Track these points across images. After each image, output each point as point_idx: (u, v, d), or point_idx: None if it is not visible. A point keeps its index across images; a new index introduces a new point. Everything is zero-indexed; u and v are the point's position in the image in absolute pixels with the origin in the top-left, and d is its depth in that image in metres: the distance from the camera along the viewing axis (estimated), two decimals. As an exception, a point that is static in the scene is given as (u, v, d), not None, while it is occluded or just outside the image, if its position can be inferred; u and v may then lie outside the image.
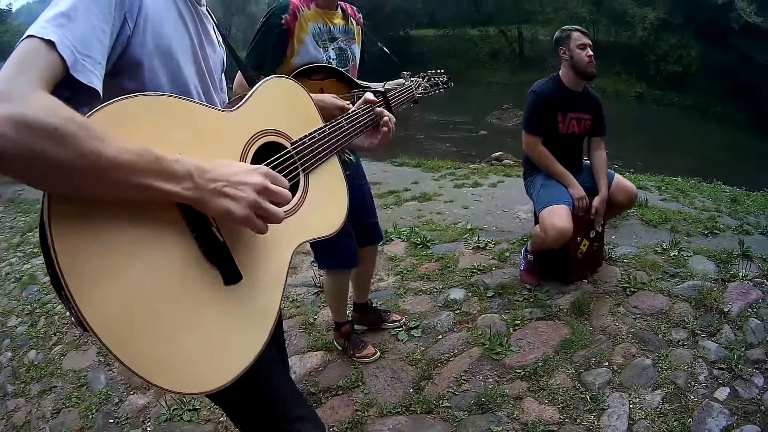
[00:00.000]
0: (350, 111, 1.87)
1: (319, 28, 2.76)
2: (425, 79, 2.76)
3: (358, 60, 3.02)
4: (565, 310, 3.69)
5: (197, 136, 1.26)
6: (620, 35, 35.15)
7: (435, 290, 4.16)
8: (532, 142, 3.96)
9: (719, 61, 32.33)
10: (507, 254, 4.65)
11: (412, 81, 2.56)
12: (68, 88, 1.08)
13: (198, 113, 1.29)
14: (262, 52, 2.67)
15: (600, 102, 4.16)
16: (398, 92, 2.29)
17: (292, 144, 1.53)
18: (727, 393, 2.87)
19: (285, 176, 1.38)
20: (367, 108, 1.92)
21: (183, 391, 1.13)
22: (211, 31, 1.59)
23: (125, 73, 1.27)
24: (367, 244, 3.38)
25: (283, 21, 2.62)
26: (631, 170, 4.57)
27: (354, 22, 3.00)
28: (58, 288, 1.03)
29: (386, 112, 1.95)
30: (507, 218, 5.74)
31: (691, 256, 4.31)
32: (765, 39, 30.59)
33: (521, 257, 4.22)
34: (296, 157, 1.52)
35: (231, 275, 1.24)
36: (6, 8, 31.89)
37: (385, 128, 1.92)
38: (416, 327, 3.71)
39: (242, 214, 1.16)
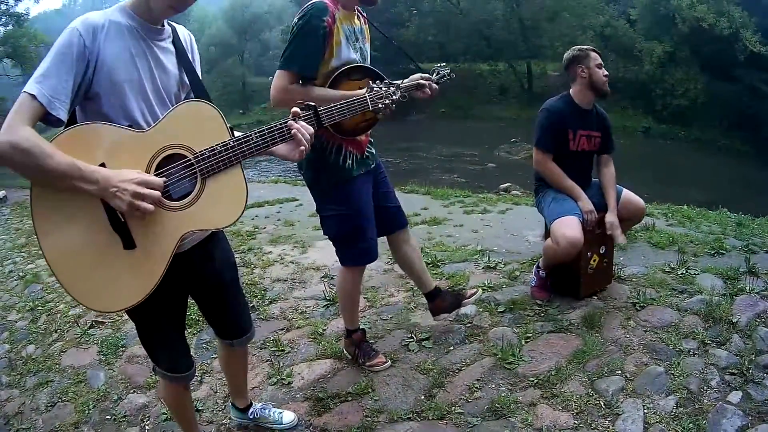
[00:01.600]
0: (265, 127, 2.11)
1: (348, 29, 2.88)
2: (434, 74, 2.90)
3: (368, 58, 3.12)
4: (576, 324, 3.70)
5: (117, 151, 1.90)
6: (628, 70, 35.32)
7: (446, 305, 4.15)
8: (543, 158, 4.01)
9: (725, 94, 32.45)
10: (517, 273, 4.67)
11: (372, 91, 2.50)
12: (52, 116, 1.82)
13: (121, 135, 1.92)
14: (306, 55, 2.75)
15: (608, 120, 4.22)
16: (337, 106, 2.31)
17: (194, 155, 1.98)
18: (739, 396, 2.87)
19: (182, 178, 1.98)
20: (290, 118, 2.13)
21: (93, 307, 2.10)
22: (166, 60, 2.14)
23: (93, 100, 1.95)
24: (396, 229, 3.47)
25: (325, 23, 2.72)
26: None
27: (363, 21, 3.09)
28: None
29: (294, 125, 2.11)
30: (516, 242, 5.76)
31: (698, 274, 4.33)
32: None
33: (533, 273, 4.24)
34: (195, 166, 1.98)
35: (128, 242, 1.92)
36: (24, 12, 32.13)
37: (294, 140, 2.14)
38: (427, 338, 3.73)
39: (125, 209, 1.84)
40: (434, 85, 2.93)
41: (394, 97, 2.54)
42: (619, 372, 3.16)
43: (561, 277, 4.10)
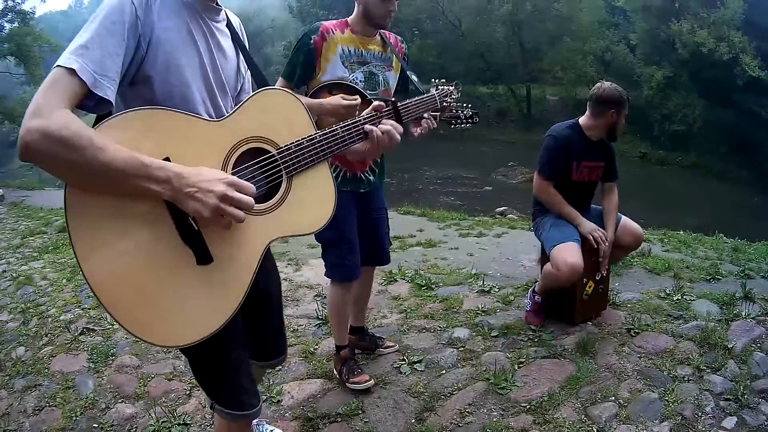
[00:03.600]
0: (349, 120, 1.99)
1: (350, 50, 3.06)
2: (456, 89, 2.84)
3: (392, 87, 3.25)
4: (570, 350, 3.70)
5: (186, 142, 1.58)
6: (624, 90, 35.53)
7: (439, 329, 4.18)
8: (544, 185, 4.02)
9: (723, 119, 32.80)
10: (512, 298, 4.68)
11: (438, 90, 2.62)
12: (92, 99, 1.47)
13: (188, 124, 1.61)
14: (293, 66, 3.06)
15: (612, 148, 4.21)
16: (414, 102, 2.35)
17: (278, 150, 1.75)
18: (734, 422, 2.87)
19: (265, 178, 1.72)
20: (372, 115, 2.06)
21: (157, 341, 1.54)
22: (224, 43, 1.89)
23: (142, 84, 1.62)
24: (376, 265, 3.59)
25: (311, 41, 2.99)
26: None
27: (395, 51, 3.24)
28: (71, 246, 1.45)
29: (382, 125, 2.04)
30: (512, 266, 5.78)
31: (694, 300, 4.36)
32: None
33: (527, 298, 4.25)
34: (281, 162, 1.75)
35: (202, 257, 1.57)
36: (30, 11, 32.10)
37: (374, 137, 2.02)
38: (419, 361, 3.71)
39: (207, 215, 1.48)
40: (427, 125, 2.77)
41: (455, 95, 2.69)
42: (613, 398, 3.15)
43: (555, 303, 4.12)
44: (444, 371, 3.61)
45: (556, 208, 4.04)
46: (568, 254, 3.70)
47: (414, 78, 3.25)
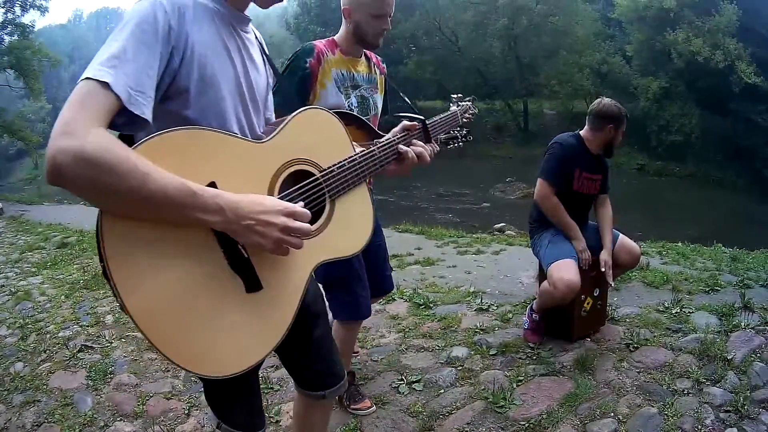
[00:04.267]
0: (385, 138, 2.03)
1: (343, 74, 2.89)
2: (473, 104, 2.83)
3: (380, 110, 3.13)
4: (569, 367, 3.71)
5: (230, 165, 1.48)
6: (623, 107, 35.72)
7: (437, 348, 4.18)
8: (548, 192, 4.03)
9: (719, 128, 33.13)
10: (510, 316, 4.68)
11: (459, 106, 2.65)
12: (124, 116, 1.32)
13: (232, 145, 1.51)
14: (285, 94, 2.69)
15: (606, 162, 4.29)
16: (440, 119, 2.40)
17: (321, 172, 1.71)
18: (734, 433, 2.88)
19: (311, 201, 1.65)
20: (404, 135, 2.09)
21: (207, 373, 1.44)
22: (256, 56, 1.80)
23: (173, 99, 1.49)
24: (374, 296, 3.40)
25: (307, 65, 2.77)
26: (632, 239, 4.72)
27: (378, 71, 3.13)
28: (108, 279, 1.29)
29: (415, 146, 2.08)
30: (510, 283, 5.79)
31: (693, 312, 4.37)
32: (765, 100, 31.43)
33: (526, 316, 4.25)
34: (324, 185, 1.71)
35: (252, 285, 1.49)
36: (30, 24, 32.06)
37: (406, 158, 2.04)
38: (418, 381, 3.71)
39: (269, 248, 1.43)
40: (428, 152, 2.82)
41: (473, 110, 2.74)
42: (612, 414, 3.15)
43: (554, 320, 4.13)
44: (442, 390, 3.60)
45: (556, 218, 4.05)
46: (565, 272, 3.72)
47: (406, 99, 3.19)
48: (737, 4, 32.33)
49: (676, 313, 4.38)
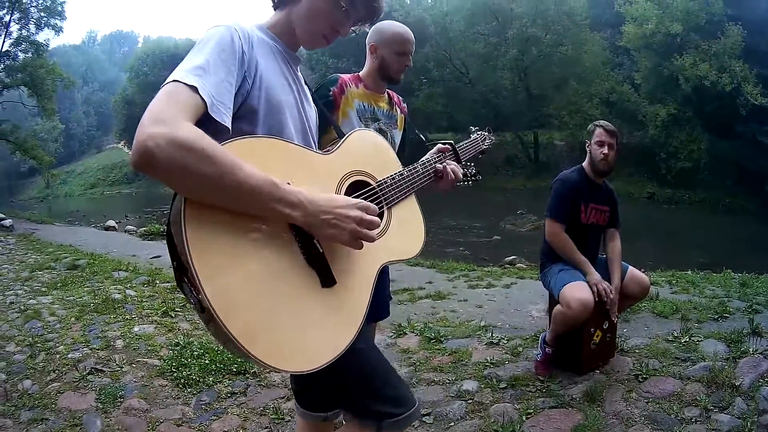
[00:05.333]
0: (424, 159, 2.29)
1: (364, 106, 3.11)
2: (489, 134, 3.00)
3: (397, 145, 3.32)
4: (578, 399, 3.75)
5: (303, 170, 1.65)
6: (632, 136, 35.91)
7: (447, 381, 4.23)
8: (557, 229, 4.15)
9: (727, 152, 33.23)
10: (520, 349, 4.73)
11: (478, 134, 2.85)
12: (205, 123, 1.41)
13: (303, 153, 1.71)
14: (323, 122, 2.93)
15: (615, 194, 4.42)
16: (466, 144, 2.68)
17: (377, 183, 1.91)
18: (741, 459, 2.92)
19: None
20: (440, 156, 2.37)
21: (292, 369, 1.47)
22: (307, 91, 1.99)
23: (244, 118, 1.64)
24: (376, 320, 3.53)
25: (330, 93, 3.00)
26: (642, 269, 4.78)
27: (398, 110, 3.35)
28: (180, 276, 1.40)
29: (449, 165, 2.35)
30: (520, 317, 5.86)
31: (701, 340, 4.42)
32: None
33: (538, 348, 4.31)
34: (380, 194, 1.90)
35: (327, 280, 1.59)
36: (44, 42, 32.15)
37: (443, 176, 2.31)
38: (428, 414, 3.76)
39: (345, 239, 1.56)
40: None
41: (491, 138, 2.92)
42: (620, 445, 3.20)
43: (563, 353, 4.18)
44: (452, 423, 3.65)
45: (567, 254, 4.14)
46: (578, 291, 3.80)
47: (421, 135, 3.38)
48: (742, 25, 32.60)
49: (684, 342, 4.43)
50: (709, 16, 33.62)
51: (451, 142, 2.56)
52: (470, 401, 3.90)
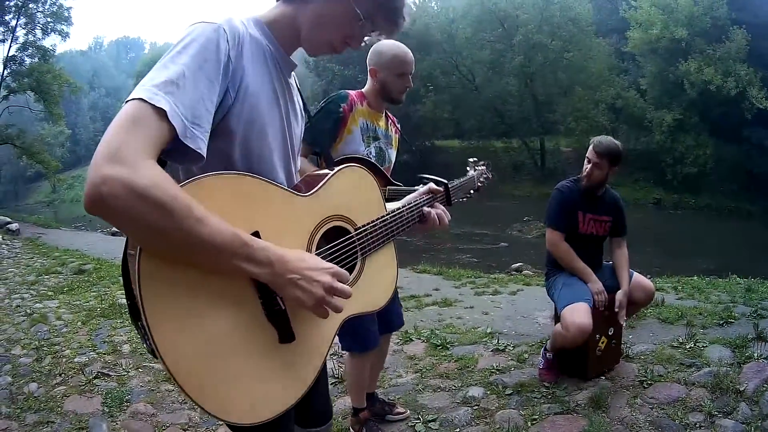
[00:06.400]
0: (411, 200, 2.14)
1: (367, 124, 3.19)
2: (488, 169, 3.03)
3: (392, 163, 3.40)
4: (583, 405, 3.78)
5: (276, 216, 1.50)
6: (639, 141, 35.90)
7: (454, 388, 4.27)
8: (556, 238, 4.20)
9: (733, 156, 33.33)
10: (526, 356, 4.77)
11: (476, 171, 2.87)
12: (175, 146, 1.27)
13: (275, 195, 1.52)
14: (317, 132, 2.91)
15: (621, 204, 4.42)
16: (460, 183, 2.61)
17: (356, 230, 1.77)
18: (745, 463, 2.94)
19: (344, 258, 1.69)
20: (429, 197, 2.21)
21: (239, 421, 1.39)
22: (297, 102, 1.79)
23: (221, 137, 1.43)
24: (382, 332, 3.52)
25: (341, 109, 3.07)
26: (648, 276, 4.84)
27: (393, 130, 3.43)
28: (135, 318, 1.30)
29: (435, 209, 2.20)
30: (526, 323, 5.89)
31: (706, 346, 4.45)
32: None
33: (541, 356, 4.35)
34: (357, 243, 1.76)
35: (286, 336, 1.48)
36: (51, 48, 32.12)
37: (428, 221, 2.14)
38: (434, 420, 3.80)
39: (310, 305, 1.41)
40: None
41: (487, 174, 2.94)
42: (624, 451, 3.23)
43: (569, 359, 4.22)
44: (458, 429, 3.69)
45: (568, 263, 4.19)
46: (577, 315, 3.82)
47: (413, 148, 3.42)
48: (746, 28, 32.61)
49: (689, 348, 4.46)
50: (713, 21, 33.66)
51: (445, 182, 2.45)
52: (476, 407, 3.94)
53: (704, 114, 34.43)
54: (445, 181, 2.43)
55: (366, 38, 1.70)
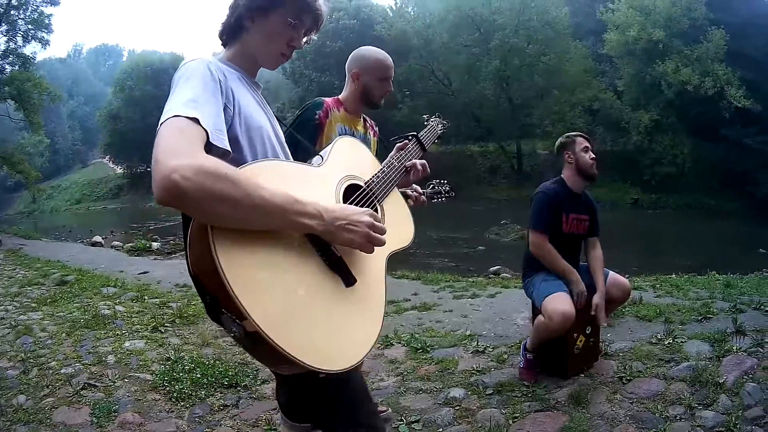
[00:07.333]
0: (392, 156, 2.52)
1: (345, 130, 3.24)
2: (429, 187, 3.16)
3: None
4: (563, 402, 3.86)
5: (304, 185, 1.79)
6: (616, 143, 36.34)
7: (435, 389, 4.31)
8: (540, 240, 4.25)
9: (711, 155, 34.00)
10: (505, 356, 4.84)
11: (433, 120, 3.14)
12: (208, 151, 1.52)
13: (300, 170, 1.89)
14: (294, 143, 2.91)
15: (595, 204, 4.56)
16: (425, 132, 2.94)
17: (366, 183, 2.12)
18: (727, 452, 3.01)
19: (366, 206, 2.00)
20: (400, 155, 2.57)
21: (342, 367, 1.59)
22: (272, 113, 2.15)
23: (231, 149, 1.70)
24: None
25: (316, 116, 3.14)
26: (626, 275, 4.97)
27: (371, 134, 3.50)
28: (216, 311, 1.51)
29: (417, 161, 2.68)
30: (505, 325, 5.95)
31: (685, 341, 4.55)
32: (755, 122, 32.43)
33: (520, 356, 4.41)
34: (370, 193, 2.10)
35: (349, 279, 1.75)
36: (31, 55, 31.88)
37: (417, 169, 2.67)
38: (417, 421, 3.84)
39: (360, 242, 1.71)
40: (422, 198, 3.21)
41: (444, 122, 3.26)
42: (606, 444, 3.29)
43: (548, 358, 4.29)
44: (441, 429, 3.73)
45: (552, 264, 4.25)
46: (559, 303, 3.91)
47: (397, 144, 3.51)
48: (725, 28, 33.13)
49: (668, 344, 4.55)
50: (691, 21, 34.17)
51: (414, 132, 2.81)
52: (458, 408, 3.99)
53: (682, 114, 34.94)
54: (414, 132, 2.82)
55: (304, 39, 2.08)
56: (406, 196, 2.60)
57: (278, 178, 1.70)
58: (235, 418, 4.06)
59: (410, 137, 2.77)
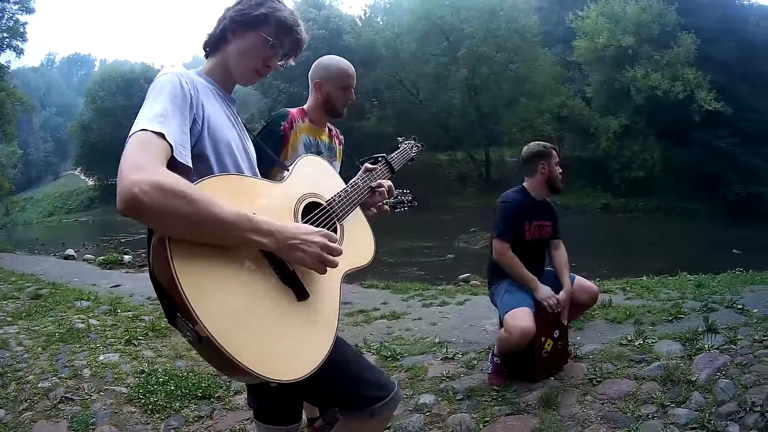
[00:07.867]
0: (358, 177, 2.57)
1: (310, 140, 3.28)
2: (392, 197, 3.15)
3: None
4: (534, 405, 3.85)
5: (262, 200, 1.89)
6: (585, 149, 36.71)
7: (405, 396, 4.26)
8: (504, 248, 4.28)
9: (682, 159, 34.53)
10: (475, 362, 4.83)
11: (406, 144, 3.08)
12: (170, 165, 1.61)
13: (259, 185, 1.97)
14: (262, 151, 2.89)
15: (555, 209, 4.61)
16: (396, 156, 2.90)
17: (327, 202, 2.17)
18: (702, 448, 3.02)
19: (326, 225, 2.06)
20: (368, 175, 2.61)
21: (286, 378, 1.65)
22: (243, 128, 2.22)
23: (198, 163, 1.82)
24: None
25: (281, 128, 3.18)
26: (597, 279, 5.01)
27: (336, 142, 3.51)
28: (172, 314, 1.58)
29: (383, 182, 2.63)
30: (474, 331, 5.94)
31: (656, 341, 4.58)
32: (726, 124, 33.07)
33: (489, 361, 4.41)
34: (331, 211, 2.15)
35: (301, 294, 1.80)
36: (5, 65, 31.54)
37: (382, 191, 2.62)
38: (388, 428, 3.78)
39: (311, 262, 1.76)
40: (385, 207, 3.18)
41: (418, 146, 3.19)
42: (577, 445, 3.28)
43: (517, 362, 4.27)
44: (412, 436, 3.72)
45: (515, 272, 4.27)
46: (520, 319, 3.93)
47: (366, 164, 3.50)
48: (695, 33, 33.69)
49: (639, 344, 4.57)
50: (662, 27, 34.71)
51: (383, 155, 2.82)
52: (428, 413, 3.97)
53: (651, 119, 35.40)
54: (383, 155, 2.82)
55: (280, 62, 2.19)
56: (368, 206, 2.59)
57: (237, 193, 1.80)
58: (210, 428, 4.05)
59: (380, 158, 2.79)
